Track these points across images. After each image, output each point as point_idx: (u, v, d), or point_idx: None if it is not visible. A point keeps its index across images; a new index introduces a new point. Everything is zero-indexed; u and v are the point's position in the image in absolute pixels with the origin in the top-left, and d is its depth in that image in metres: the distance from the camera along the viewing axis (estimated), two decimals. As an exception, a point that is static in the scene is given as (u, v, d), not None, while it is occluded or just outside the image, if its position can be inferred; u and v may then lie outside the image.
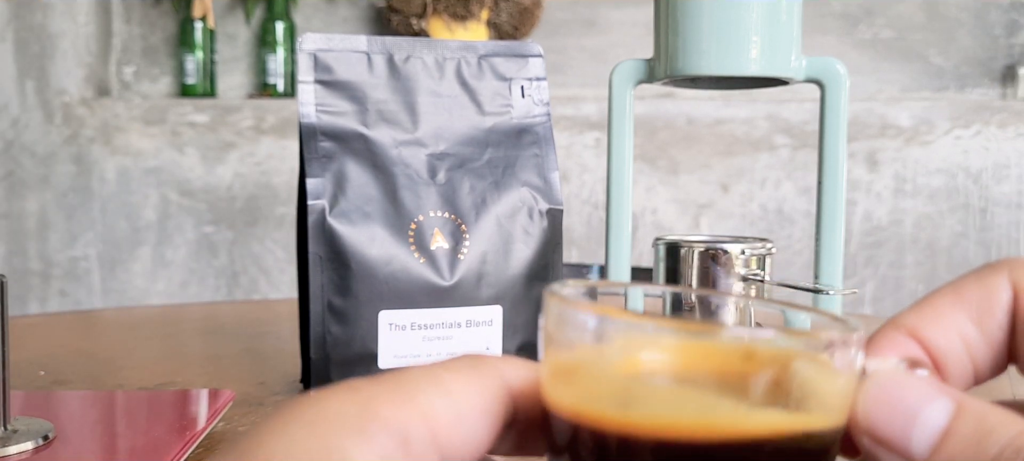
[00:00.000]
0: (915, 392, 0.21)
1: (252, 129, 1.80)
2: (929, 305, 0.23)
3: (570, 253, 1.78)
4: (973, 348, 0.23)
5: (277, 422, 0.20)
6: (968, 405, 0.20)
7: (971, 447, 0.20)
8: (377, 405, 0.20)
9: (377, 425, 0.19)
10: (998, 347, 0.23)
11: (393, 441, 0.19)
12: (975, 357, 0.23)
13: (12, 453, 0.46)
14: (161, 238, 1.83)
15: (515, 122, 0.59)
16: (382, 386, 0.20)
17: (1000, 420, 0.20)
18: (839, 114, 0.61)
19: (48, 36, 1.82)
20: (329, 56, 0.57)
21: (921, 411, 0.20)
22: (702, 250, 0.62)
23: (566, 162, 1.77)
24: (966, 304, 0.23)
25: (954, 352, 0.23)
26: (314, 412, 0.19)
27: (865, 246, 1.77)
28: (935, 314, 0.23)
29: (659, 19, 0.63)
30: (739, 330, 0.20)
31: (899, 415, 0.20)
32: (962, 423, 0.20)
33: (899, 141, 1.75)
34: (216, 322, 0.93)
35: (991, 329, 0.23)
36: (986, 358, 0.23)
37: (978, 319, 0.23)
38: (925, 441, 0.20)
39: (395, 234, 0.54)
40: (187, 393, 0.59)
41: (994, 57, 1.90)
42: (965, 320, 0.23)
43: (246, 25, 1.96)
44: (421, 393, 0.20)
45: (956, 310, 0.23)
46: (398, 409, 0.20)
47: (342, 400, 0.20)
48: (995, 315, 0.23)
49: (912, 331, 0.23)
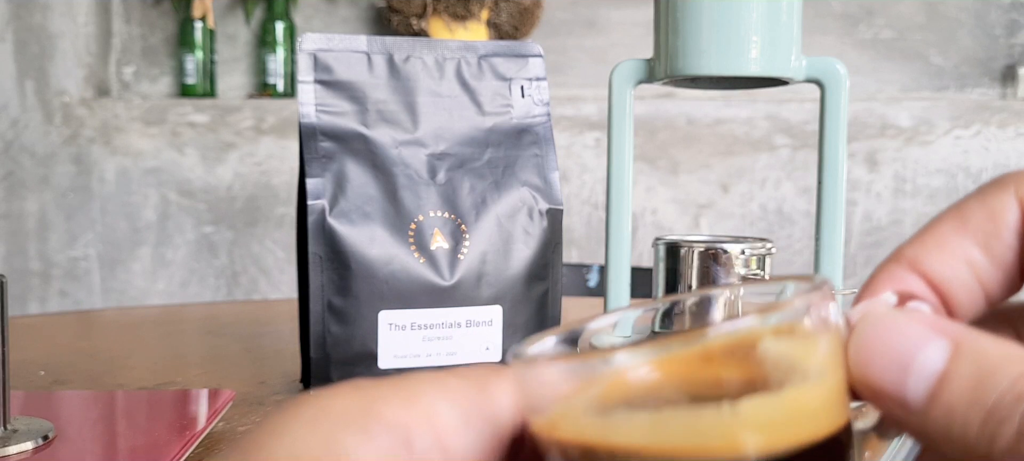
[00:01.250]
0: (908, 334, 0.19)
1: (252, 129, 1.80)
2: (931, 233, 0.22)
3: (570, 253, 1.78)
4: (982, 273, 0.21)
5: (279, 420, 0.19)
6: (966, 344, 0.19)
7: (969, 393, 0.18)
8: (380, 405, 0.19)
9: (380, 425, 0.19)
10: (1009, 269, 0.21)
11: (395, 441, 0.19)
12: (985, 282, 0.21)
13: (12, 453, 0.46)
14: (161, 238, 1.83)
15: (515, 122, 0.59)
16: (386, 387, 0.20)
17: (1002, 358, 0.18)
18: (839, 114, 0.61)
19: (48, 36, 1.82)
20: (329, 56, 0.57)
21: (916, 355, 0.19)
22: (702, 250, 0.62)
23: (566, 162, 1.77)
24: (970, 227, 0.21)
25: (961, 280, 0.21)
26: (316, 410, 0.19)
27: (865, 246, 1.77)
28: (937, 242, 0.21)
29: (659, 19, 0.63)
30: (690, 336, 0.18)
31: (892, 361, 0.19)
32: (959, 366, 0.18)
33: (899, 141, 1.75)
34: (216, 322, 0.93)
35: (1000, 251, 0.21)
36: (997, 282, 0.21)
37: (985, 242, 0.21)
38: (921, 389, 0.19)
39: (395, 234, 0.54)
40: (187, 393, 0.59)
41: (994, 57, 1.90)
42: (970, 244, 0.21)
43: (246, 25, 1.96)
44: (426, 396, 0.20)
45: (960, 235, 0.21)
46: (401, 410, 0.19)
47: (345, 399, 0.20)
48: (1003, 236, 0.21)
49: (913, 263, 0.22)
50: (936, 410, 0.18)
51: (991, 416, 0.18)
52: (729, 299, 0.24)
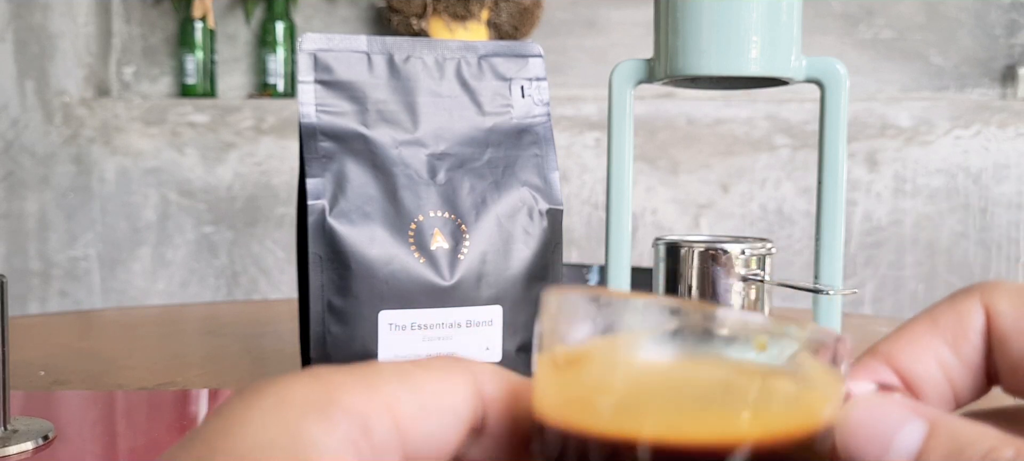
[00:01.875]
0: (889, 415, 0.21)
1: (252, 129, 1.80)
2: (905, 332, 0.24)
3: (570, 253, 1.78)
4: (951, 372, 0.23)
5: (240, 408, 0.19)
6: (941, 423, 0.20)
7: None
8: (340, 393, 0.20)
9: (339, 411, 0.19)
10: (976, 370, 0.23)
11: (355, 428, 0.19)
12: (954, 381, 0.23)
13: (12, 453, 0.46)
14: (161, 238, 1.83)
15: (515, 122, 0.59)
16: (346, 375, 0.20)
17: (974, 435, 0.20)
18: (839, 114, 0.61)
19: (48, 36, 1.82)
20: (329, 56, 0.57)
21: (896, 434, 0.21)
22: (702, 250, 0.62)
23: (566, 162, 1.77)
24: (941, 329, 0.23)
25: (931, 377, 0.23)
26: (276, 397, 0.19)
27: (865, 246, 1.77)
28: (910, 340, 0.23)
29: (659, 19, 0.63)
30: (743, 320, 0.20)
31: (875, 439, 0.21)
32: (936, 442, 0.20)
33: (899, 141, 1.75)
34: (216, 322, 0.93)
35: (967, 352, 0.23)
36: (965, 381, 0.23)
37: (953, 343, 0.23)
38: None
39: (395, 234, 0.54)
40: (187, 393, 0.59)
41: (994, 57, 1.90)
42: (941, 345, 0.23)
43: (246, 25, 1.96)
44: (385, 384, 0.20)
45: (932, 335, 0.23)
46: (361, 398, 0.20)
47: (306, 387, 0.20)
48: (970, 338, 0.23)
49: (888, 358, 0.23)
50: None
51: None
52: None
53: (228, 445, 0.19)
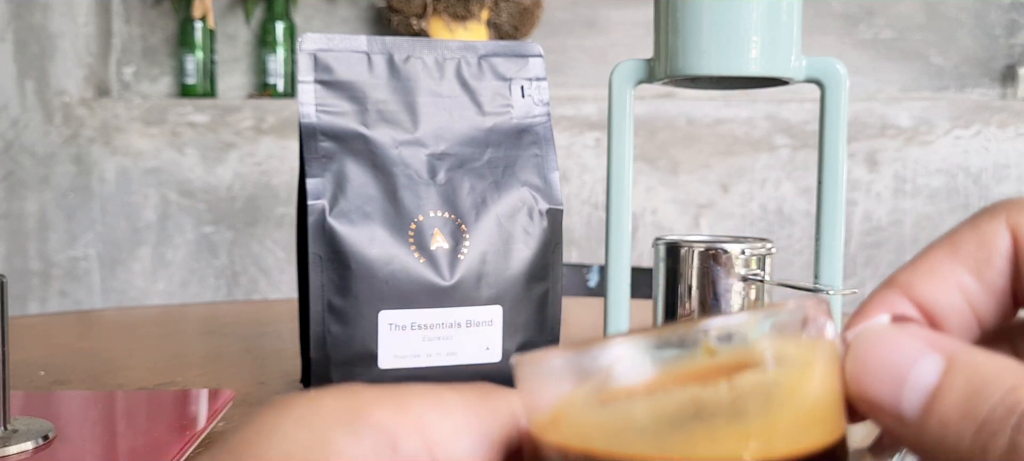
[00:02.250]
0: (903, 349, 0.20)
1: (252, 129, 1.80)
2: (924, 260, 0.22)
3: (570, 253, 1.78)
4: (974, 300, 0.22)
5: (269, 418, 0.20)
6: (960, 358, 0.19)
7: (962, 406, 0.18)
8: (370, 408, 0.20)
9: (368, 426, 0.19)
10: (1001, 295, 0.22)
11: (382, 443, 0.19)
12: (977, 309, 0.22)
13: (12, 453, 0.46)
14: (161, 238, 1.83)
15: (515, 122, 0.59)
16: (378, 392, 0.20)
17: (994, 372, 0.18)
18: (839, 114, 0.61)
19: (48, 36, 1.82)
20: (329, 56, 0.57)
21: (910, 369, 0.19)
22: (702, 250, 0.62)
23: (566, 162, 1.77)
24: (963, 254, 0.22)
25: (953, 306, 0.22)
26: (306, 409, 0.20)
27: (865, 246, 1.77)
28: (930, 268, 0.22)
29: (659, 19, 0.63)
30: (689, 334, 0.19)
31: (887, 376, 0.19)
32: (953, 379, 0.19)
33: (899, 141, 1.75)
34: (216, 322, 0.93)
35: (991, 278, 0.21)
36: (989, 308, 0.22)
37: (976, 269, 0.22)
38: (916, 402, 0.19)
39: (395, 234, 0.54)
40: (187, 393, 0.59)
41: (994, 57, 1.90)
42: (963, 271, 0.22)
43: (246, 25, 1.96)
44: (416, 405, 0.20)
45: (952, 262, 0.22)
46: (391, 415, 0.20)
47: (336, 400, 0.20)
48: (994, 263, 0.21)
49: (906, 288, 0.22)
50: (930, 423, 0.19)
51: (983, 429, 0.18)
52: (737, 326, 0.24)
53: (255, 454, 0.19)
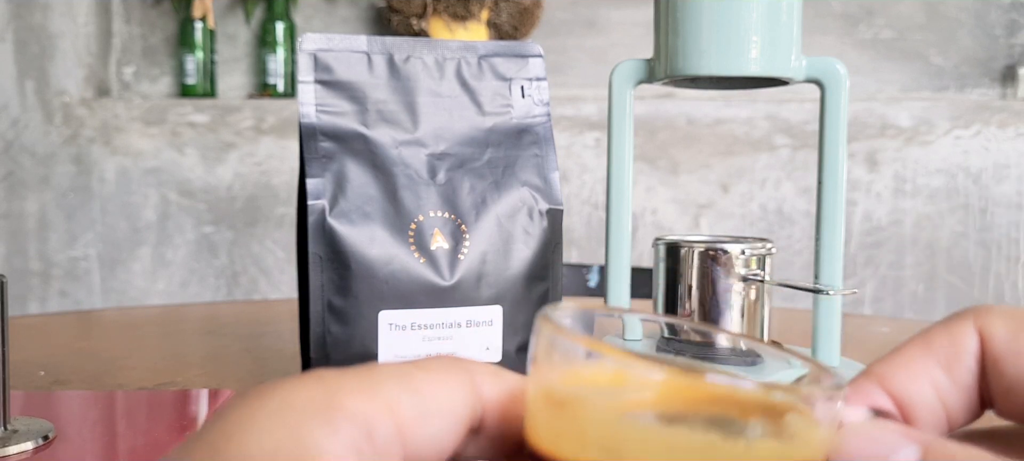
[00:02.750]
0: (883, 440, 0.21)
1: (252, 129, 1.80)
2: (899, 354, 0.24)
3: (570, 253, 1.78)
4: (944, 395, 0.23)
5: (244, 411, 0.19)
6: (935, 447, 0.21)
7: None
8: (342, 396, 0.20)
9: (343, 416, 0.19)
10: (969, 393, 0.23)
11: (358, 432, 0.19)
12: (947, 403, 0.23)
13: (12, 453, 0.46)
14: (161, 238, 1.83)
15: (515, 122, 0.59)
16: (348, 378, 0.20)
17: (968, 458, 0.20)
18: (839, 114, 0.61)
19: (48, 36, 1.82)
20: (329, 56, 0.57)
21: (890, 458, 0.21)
22: (702, 250, 0.62)
23: (566, 162, 1.77)
24: (934, 352, 0.23)
25: (925, 400, 0.23)
26: (280, 401, 0.20)
27: (865, 246, 1.77)
28: (905, 363, 0.23)
29: (659, 19, 0.63)
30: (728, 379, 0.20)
31: None
32: None
33: (899, 141, 1.75)
34: (216, 322, 0.93)
35: (960, 375, 0.23)
36: (959, 404, 0.23)
37: (947, 366, 0.23)
38: None
39: (395, 234, 0.54)
40: (187, 393, 0.59)
41: (994, 57, 1.90)
42: (934, 367, 0.23)
43: (246, 25, 1.96)
44: (387, 388, 0.20)
45: (926, 358, 0.23)
46: (363, 401, 0.20)
47: (308, 389, 0.20)
48: (963, 361, 0.23)
49: (882, 380, 0.23)
50: None
51: None
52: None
53: (231, 449, 0.19)
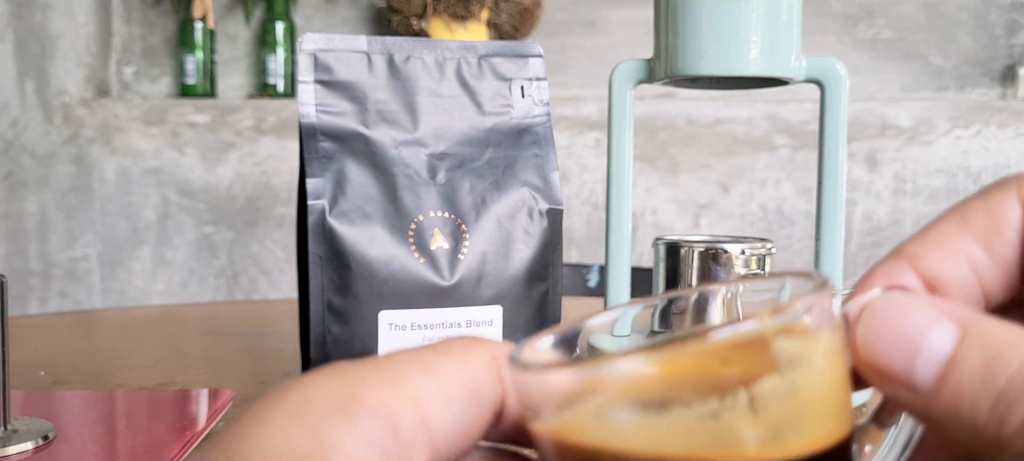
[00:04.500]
0: (916, 317, 0.19)
1: (252, 129, 1.80)
2: (932, 231, 0.22)
3: (570, 253, 1.78)
4: (982, 273, 0.21)
5: (261, 411, 0.19)
6: (974, 327, 0.19)
7: (978, 376, 0.18)
8: (364, 389, 0.19)
9: (364, 410, 0.18)
10: (1010, 269, 0.21)
11: (381, 427, 0.18)
12: (985, 282, 0.21)
13: (12, 453, 0.46)
14: (161, 238, 1.83)
15: (515, 122, 0.59)
16: (369, 369, 0.19)
17: (1011, 342, 0.18)
18: (839, 114, 0.61)
19: (48, 36, 1.82)
20: (329, 56, 0.57)
21: (924, 338, 0.19)
22: (702, 250, 0.62)
23: (566, 162, 1.77)
24: (971, 226, 0.21)
25: (960, 278, 0.21)
26: (298, 398, 0.19)
27: (865, 246, 1.77)
28: (938, 240, 0.21)
29: (659, 19, 0.63)
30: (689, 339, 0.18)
31: (900, 344, 0.19)
32: (968, 349, 0.18)
33: (899, 141, 1.75)
34: (216, 322, 0.93)
35: (1001, 251, 0.21)
36: (998, 282, 0.21)
37: (985, 241, 0.21)
38: (930, 371, 0.19)
39: (395, 234, 0.54)
40: (187, 393, 0.59)
41: (994, 57, 1.90)
42: (971, 243, 0.21)
43: (246, 25, 1.96)
44: (409, 377, 0.19)
45: (961, 234, 0.21)
46: (386, 393, 0.19)
47: (328, 385, 0.19)
48: (1004, 235, 0.21)
49: (912, 259, 0.21)
50: (945, 393, 0.18)
51: (1001, 399, 0.18)
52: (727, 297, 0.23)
53: (245, 449, 0.18)
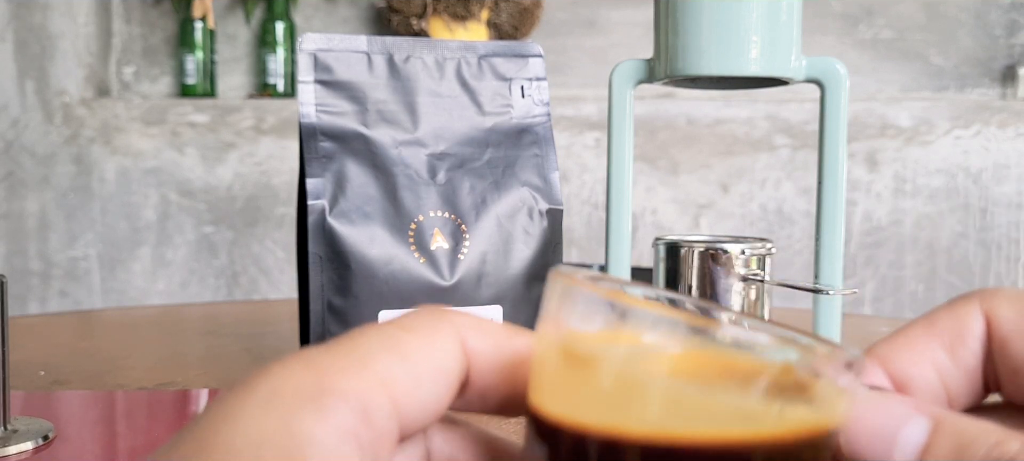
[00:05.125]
0: (893, 412, 0.21)
1: (252, 129, 1.80)
2: (901, 336, 0.23)
3: (570, 253, 1.78)
4: (947, 377, 0.23)
5: (232, 402, 0.19)
6: (946, 420, 0.20)
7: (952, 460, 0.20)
8: (333, 376, 0.19)
9: (335, 399, 0.19)
10: (973, 375, 0.23)
11: (353, 415, 0.19)
12: (949, 386, 0.23)
13: (12, 453, 0.46)
14: (161, 238, 1.83)
15: (515, 122, 0.59)
16: (337, 354, 0.20)
17: (978, 431, 0.20)
18: (839, 114, 0.61)
19: (48, 36, 1.82)
20: (329, 56, 0.57)
21: (900, 431, 0.21)
22: (702, 250, 0.62)
23: (566, 162, 1.77)
24: (938, 333, 0.23)
25: (927, 381, 0.23)
26: (269, 389, 0.19)
27: (865, 246, 1.77)
28: (907, 343, 0.23)
29: (659, 19, 0.63)
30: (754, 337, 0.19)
31: (879, 437, 0.21)
32: (940, 439, 0.20)
33: (899, 141, 1.75)
34: (216, 322, 0.93)
35: (964, 358, 0.23)
36: (961, 387, 0.23)
37: (951, 348, 0.23)
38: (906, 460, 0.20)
39: (395, 234, 0.54)
40: (187, 393, 0.59)
41: (994, 57, 1.90)
42: (938, 349, 0.23)
43: (246, 25, 1.96)
44: (378, 359, 0.20)
45: (929, 339, 0.23)
46: (356, 379, 0.19)
47: (298, 374, 0.19)
48: (968, 344, 0.23)
49: (883, 361, 0.23)
50: None
51: None
52: None
53: (218, 442, 0.18)
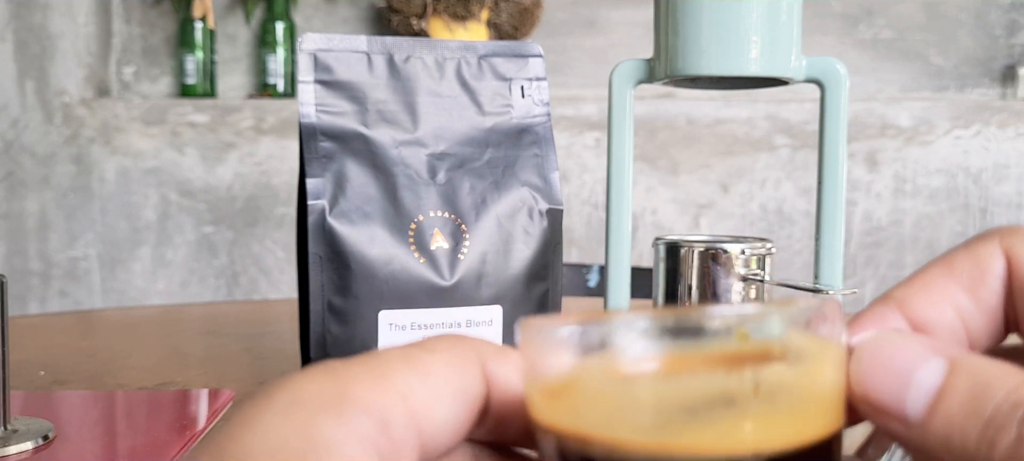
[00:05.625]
0: (907, 353, 0.20)
1: (252, 129, 1.80)
2: (919, 277, 0.23)
3: (570, 253, 1.78)
4: (966, 318, 0.22)
5: (251, 410, 0.19)
6: (962, 361, 0.20)
7: (967, 405, 0.19)
8: (354, 387, 0.19)
9: (355, 407, 0.19)
10: (993, 315, 0.22)
11: (372, 424, 0.19)
12: (969, 327, 0.22)
13: (12, 453, 0.46)
14: (161, 238, 1.83)
15: (515, 122, 0.59)
16: (359, 367, 0.20)
17: (996, 374, 0.19)
18: (839, 114, 0.61)
19: (48, 36, 1.82)
20: (329, 56, 0.57)
21: (914, 372, 0.20)
22: (702, 250, 0.62)
23: (566, 162, 1.77)
24: (957, 274, 0.22)
25: (945, 323, 0.22)
26: (289, 397, 0.19)
27: (865, 246, 1.77)
28: (925, 285, 0.22)
29: (659, 19, 0.63)
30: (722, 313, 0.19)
31: (892, 378, 0.20)
32: (957, 381, 0.19)
33: (899, 141, 1.75)
34: (216, 322, 0.93)
35: (985, 297, 0.22)
36: (981, 327, 0.22)
37: (970, 288, 0.22)
38: (920, 403, 0.20)
39: (395, 234, 0.54)
40: (187, 393, 0.59)
41: (994, 57, 1.90)
42: (957, 290, 0.22)
43: (246, 25, 1.96)
44: (398, 374, 0.20)
45: (947, 280, 0.22)
46: (376, 391, 0.19)
47: (318, 383, 0.19)
48: (988, 283, 0.22)
49: (900, 304, 0.22)
50: (935, 423, 0.19)
51: (989, 425, 0.19)
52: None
53: (237, 448, 0.18)
